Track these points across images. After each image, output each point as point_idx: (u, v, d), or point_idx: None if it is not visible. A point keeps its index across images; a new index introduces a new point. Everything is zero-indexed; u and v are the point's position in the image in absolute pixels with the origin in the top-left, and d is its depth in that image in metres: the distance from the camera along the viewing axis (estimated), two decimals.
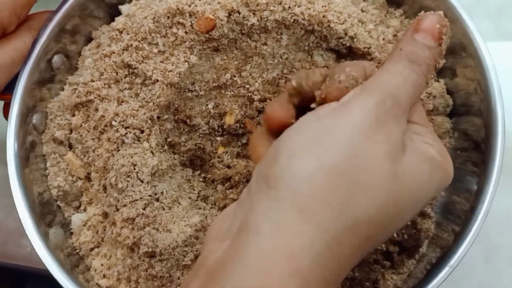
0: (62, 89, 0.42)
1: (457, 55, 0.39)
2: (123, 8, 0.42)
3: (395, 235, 0.37)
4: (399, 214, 0.26)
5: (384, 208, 0.25)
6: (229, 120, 0.41)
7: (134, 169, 0.36)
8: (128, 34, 0.38)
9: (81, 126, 0.40)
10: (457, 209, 0.38)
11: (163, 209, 0.37)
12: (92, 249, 0.40)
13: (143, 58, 0.37)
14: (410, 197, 0.26)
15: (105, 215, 0.39)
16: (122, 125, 0.37)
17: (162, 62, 0.37)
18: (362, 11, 0.40)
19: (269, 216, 0.24)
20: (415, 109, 0.28)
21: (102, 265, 0.39)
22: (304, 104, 0.30)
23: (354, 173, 0.24)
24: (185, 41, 0.37)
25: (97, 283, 0.39)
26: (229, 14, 0.37)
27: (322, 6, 0.37)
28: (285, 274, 0.23)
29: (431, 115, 0.40)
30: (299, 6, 0.37)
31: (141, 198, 0.36)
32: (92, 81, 0.39)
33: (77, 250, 0.40)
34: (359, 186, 0.24)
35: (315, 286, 0.23)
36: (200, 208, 0.39)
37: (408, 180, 0.25)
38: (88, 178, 0.40)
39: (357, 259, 0.25)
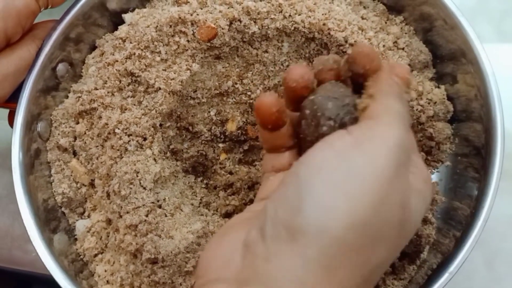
0: (67, 97, 0.42)
1: (458, 62, 0.39)
2: (126, 16, 0.43)
3: None
4: (397, 253, 0.27)
5: (391, 253, 0.25)
6: (231, 127, 0.41)
7: (137, 176, 0.37)
8: (131, 42, 0.39)
9: (85, 133, 0.40)
10: (458, 214, 0.39)
11: (166, 216, 0.37)
12: (96, 255, 0.40)
13: (146, 66, 0.38)
14: (412, 230, 0.26)
15: (109, 221, 0.39)
16: (125, 133, 0.37)
17: (165, 70, 0.38)
18: (363, 18, 0.40)
19: (293, 274, 0.23)
20: None
21: (105, 271, 0.39)
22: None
23: (377, 228, 0.23)
24: (187, 50, 0.38)
25: None
26: (231, 23, 0.37)
27: (323, 14, 0.37)
28: None
29: (432, 121, 0.40)
30: (299, 14, 0.37)
31: (143, 205, 0.37)
32: (96, 89, 0.39)
33: (81, 256, 0.40)
34: (381, 239, 0.24)
35: None
36: (202, 215, 0.40)
37: (413, 220, 0.26)
38: (92, 184, 0.41)
39: None
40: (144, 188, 0.37)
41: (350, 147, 0.24)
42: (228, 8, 0.37)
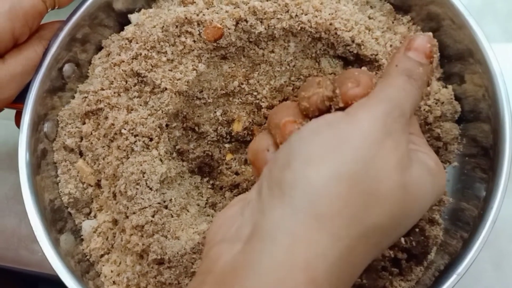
0: (73, 98, 0.42)
1: (465, 61, 0.39)
2: (133, 17, 0.43)
3: (403, 241, 0.37)
4: (405, 222, 0.27)
5: (393, 217, 0.25)
6: (237, 127, 0.41)
7: (143, 176, 0.37)
8: (137, 43, 0.39)
9: (91, 134, 0.40)
10: (465, 215, 0.38)
11: (172, 217, 0.37)
12: (102, 256, 0.40)
13: (152, 66, 0.38)
14: (416, 206, 0.27)
15: (115, 222, 0.39)
16: (132, 133, 0.37)
17: (171, 70, 0.38)
18: (370, 18, 0.40)
19: (284, 225, 0.24)
20: (411, 121, 0.29)
21: (112, 271, 0.39)
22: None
23: (368, 183, 0.25)
24: (193, 50, 0.38)
25: None
26: (237, 23, 0.37)
27: (329, 14, 0.37)
28: (300, 284, 0.23)
29: (439, 121, 0.40)
30: (306, 14, 0.37)
31: (150, 205, 0.37)
32: (102, 89, 0.39)
33: (88, 257, 0.40)
34: (372, 196, 0.25)
35: None
36: (208, 215, 0.40)
37: (415, 190, 0.26)
38: (98, 185, 0.41)
39: (364, 266, 0.26)
40: (151, 189, 0.37)
41: (340, 118, 0.27)
42: (234, 8, 0.37)
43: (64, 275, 0.36)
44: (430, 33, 0.31)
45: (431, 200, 0.28)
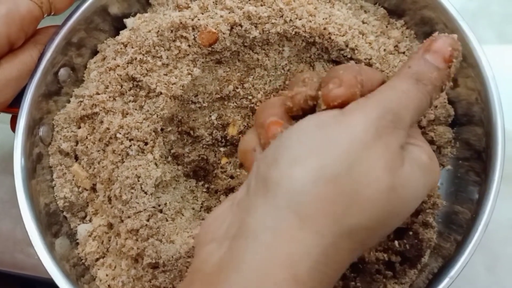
0: (68, 102, 0.42)
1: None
2: (128, 21, 0.43)
3: (397, 244, 0.37)
4: (392, 222, 0.26)
5: (378, 218, 0.25)
6: (232, 131, 0.41)
7: (138, 180, 0.37)
8: (132, 47, 0.39)
9: (86, 138, 0.40)
10: (459, 218, 0.39)
11: (167, 220, 0.37)
12: (97, 260, 0.40)
13: (147, 71, 0.38)
14: (405, 205, 0.26)
15: (110, 226, 0.40)
16: (127, 137, 0.38)
17: (166, 75, 0.38)
18: (363, 22, 0.40)
19: (268, 222, 0.24)
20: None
21: (107, 275, 0.39)
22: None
23: (353, 184, 0.24)
24: (188, 54, 0.38)
25: None
26: (231, 28, 0.37)
27: (323, 19, 0.37)
28: (283, 282, 0.23)
29: (433, 125, 0.40)
30: (300, 19, 0.37)
31: (145, 209, 0.37)
32: (98, 93, 0.40)
33: (83, 261, 0.40)
34: (357, 197, 0.24)
35: None
36: (203, 219, 0.40)
37: (404, 191, 0.26)
38: (93, 189, 0.41)
39: (349, 263, 0.26)
40: (145, 193, 0.37)
41: (332, 118, 0.26)
42: (229, 13, 0.37)
43: (59, 279, 0.36)
44: (455, 35, 0.29)
45: (422, 197, 0.27)
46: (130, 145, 0.37)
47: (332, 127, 0.26)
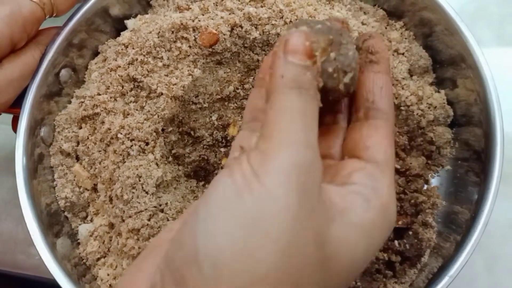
0: (70, 102, 0.43)
1: (457, 66, 0.40)
2: (129, 22, 0.43)
3: (397, 244, 0.38)
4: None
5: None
6: (232, 131, 0.41)
7: (139, 180, 0.37)
8: (133, 48, 0.39)
9: (87, 138, 0.40)
10: (458, 218, 0.39)
11: (168, 220, 0.38)
12: (98, 259, 0.40)
13: (148, 72, 0.38)
14: (344, 271, 0.23)
15: (111, 225, 0.40)
16: (128, 138, 0.38)
17: (167, 75, 0.38)
18: (363, 23, 0.41)
19: None
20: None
21: (108, 275, 0.39)
22: None
23: (291, 275, 0.20)
24: (189, 55, 0.38)
25: None
26: (232, 29, 0.37)
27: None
28: None
29: (432, 126, 0.40)
30: None
31: (146, 209, 0.37)
32: (99, 94, 0.40)
33: (84, 260, 0.40)
34: (304, 281, 0.21)
35: None
36: None
37: (340, 256, 0.22)
38: (94, 189, 0.41)
39: None
40: (147, 193, 0.37)
41: (248, 183, 0.21)
42: (230, 14, 0.37)
43: (61, 279, 0.36)
44: (304, 27, 0.24)
45: (368, 255, 0.23)
46: (131, 145, 0.38)
47: (253, 198, 0.21)
